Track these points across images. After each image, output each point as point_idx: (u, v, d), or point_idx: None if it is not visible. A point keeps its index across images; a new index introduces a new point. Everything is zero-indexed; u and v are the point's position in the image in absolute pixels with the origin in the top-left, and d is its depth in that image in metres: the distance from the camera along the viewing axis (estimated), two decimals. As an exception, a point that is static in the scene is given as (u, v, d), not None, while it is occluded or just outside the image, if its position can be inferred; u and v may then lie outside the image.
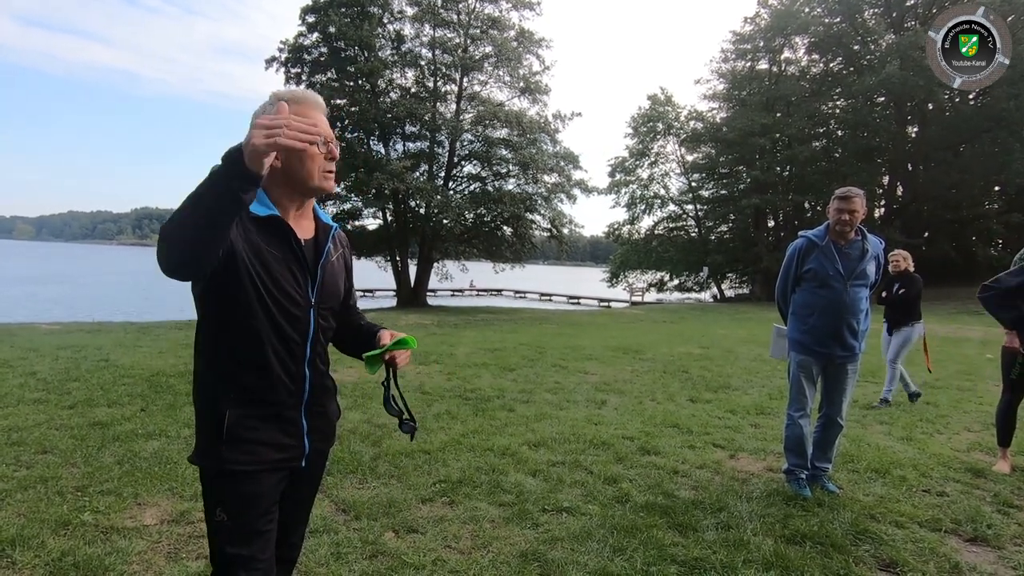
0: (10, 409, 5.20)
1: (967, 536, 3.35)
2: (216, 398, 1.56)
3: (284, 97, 1.51)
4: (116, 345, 9.58)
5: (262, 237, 1.53)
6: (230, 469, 1.53)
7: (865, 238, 3.87)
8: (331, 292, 1.69)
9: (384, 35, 28.24)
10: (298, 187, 1.59)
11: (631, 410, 6.10)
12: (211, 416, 1.56)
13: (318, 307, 1.64)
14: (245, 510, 1.56)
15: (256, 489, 1.57)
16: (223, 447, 1.53)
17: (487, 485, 3.83)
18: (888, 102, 33.30)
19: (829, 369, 3.94)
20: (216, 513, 1.56)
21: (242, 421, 1.54)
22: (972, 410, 6.51)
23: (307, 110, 1.55)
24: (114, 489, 3.55)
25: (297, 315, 1.58)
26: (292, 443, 1.63)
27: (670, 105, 39.08)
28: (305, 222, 1.67)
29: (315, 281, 1.62)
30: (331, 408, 1.77)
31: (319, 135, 1.39)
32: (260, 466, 1.56)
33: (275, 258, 1.54)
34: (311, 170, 1.56)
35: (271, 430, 1.58)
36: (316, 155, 1.55)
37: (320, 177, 1.58)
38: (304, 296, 1.60)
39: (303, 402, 1.63)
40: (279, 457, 1.60)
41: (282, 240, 1.56)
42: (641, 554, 2.97)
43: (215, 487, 1.57)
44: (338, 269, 1.74)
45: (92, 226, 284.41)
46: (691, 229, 40.89)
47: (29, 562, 2.71)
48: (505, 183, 29.49)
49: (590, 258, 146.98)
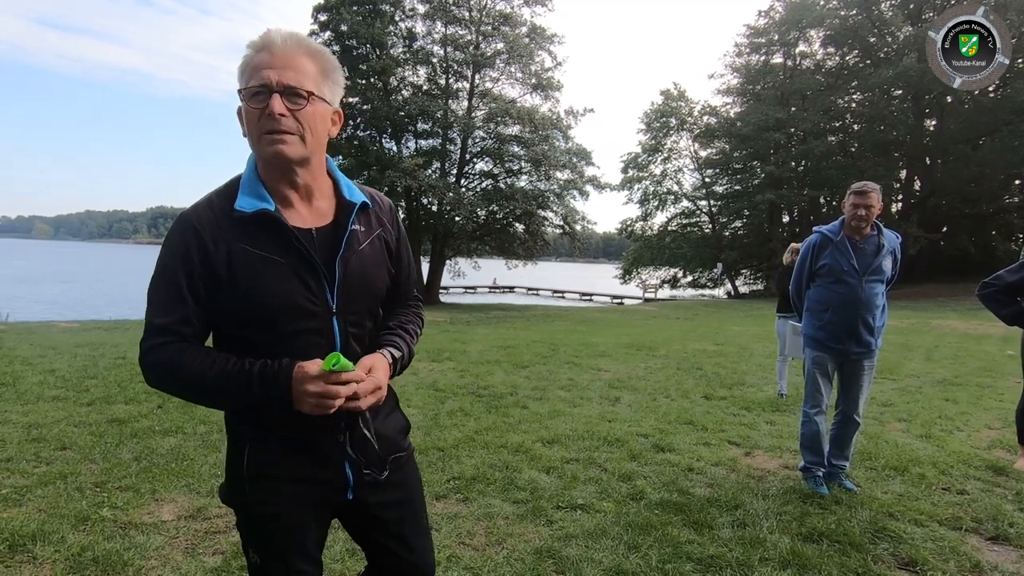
0: (30, 406, 5.28)
1: (988, 535, 3.30)
2: (237, 431, 1.38)
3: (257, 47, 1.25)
4: (133, 343, 9.67)
5: (253, 240, 1.25)
6: (256, 511, 1.35)
7: (881, 233, 3.82)
8: (361, 289, 1.35)
9: (396, 33, 28.33)
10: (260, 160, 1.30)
11: (645, 407, 6.08)
12: (234, 450, 1.38)
13: (344, 313, 1.32)
14: (277, 555, 1.36)
15: (286, 531, 1.36)
16: (246, 485, 1.34)
17: (501, 482, 3.82)
18: (905, 95, 32.87)
19: (845, 366, 3.90)
20: (249, 554, 1.39)
21: (265, 456, 1.33)
22: (993, 407, 6.41)
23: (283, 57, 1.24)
24: (132, 485, 3.59)
25: (314, 328, 1.29)
26: (328, 476, 1.36)
27: (683, 100, 38.88)
28: (319, 204, 1.35)
29: (334, 281, 1.31)
30: (387, 424, 1.46)
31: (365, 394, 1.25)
32: (288, 506, 1.34)
33: (273, 264, 1.25)
34: (251, 134, 1.26)
35: (301, 464, 1.34)
36: (250, 113, 1.24)
37: (260, 141, 1.24)
38: (322, 303, 1.29)
39: (339, 427, 1.34)
40: (311, 493, 1.36)
41: (278, 239, 1.26)
42: (656, 551, 2.95)
43: (244, 527, 1.39)
44: (371, 255, 1.38)
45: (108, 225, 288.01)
46: (705, 225, 40.68)
47: (49, 557, 2.74)
48: (517, 180, 29.51)
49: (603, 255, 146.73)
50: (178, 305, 1.26)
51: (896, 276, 3.91)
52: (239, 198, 1.27)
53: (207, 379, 1.23)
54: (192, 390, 1.28)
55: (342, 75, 1.36)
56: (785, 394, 6.61)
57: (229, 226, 1.26)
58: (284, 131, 1.22)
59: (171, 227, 1.29)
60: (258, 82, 1.22)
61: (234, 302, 1.25)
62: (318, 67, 1.28)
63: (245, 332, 1.28)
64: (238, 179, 1.32)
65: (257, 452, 1.34)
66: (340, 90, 1.35)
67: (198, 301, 1.26)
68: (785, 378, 6.72)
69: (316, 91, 1.26)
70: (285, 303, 1.25)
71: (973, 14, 3.88)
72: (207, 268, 1.24)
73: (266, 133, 1.22)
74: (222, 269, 1.24)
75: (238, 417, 1.37)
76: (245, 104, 1.25)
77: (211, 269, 1.24)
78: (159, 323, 1.26)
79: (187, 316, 1.26)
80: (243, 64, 1.27)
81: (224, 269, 1.24)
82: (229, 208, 1.27)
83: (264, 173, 1.30)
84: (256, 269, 1.25)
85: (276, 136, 1.22)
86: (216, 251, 1.24)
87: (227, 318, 1.29)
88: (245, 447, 1.35)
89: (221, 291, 1.25)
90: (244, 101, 1.25)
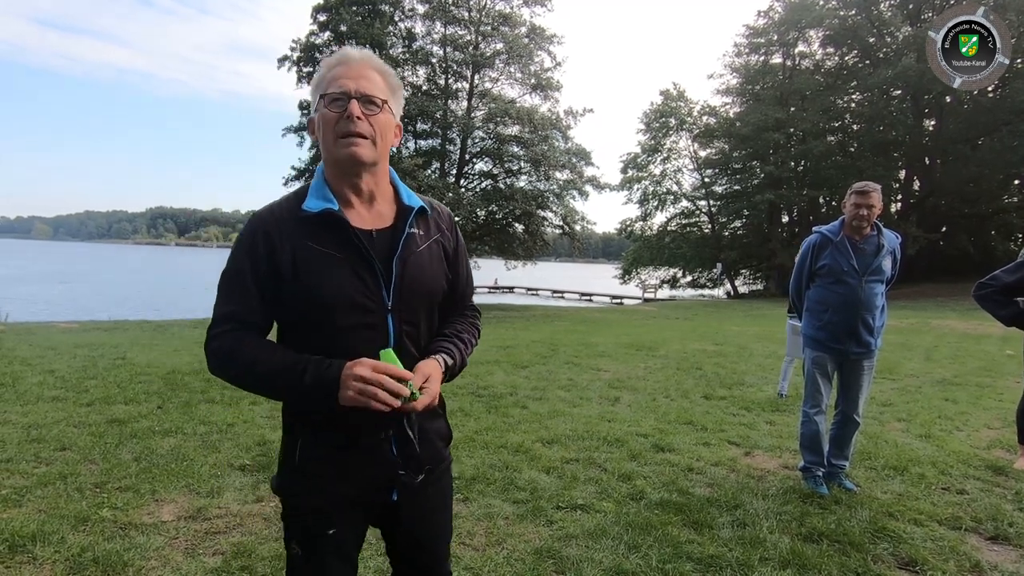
0: (29, 407, 5.27)
1: (988, 534, 3.30)
2: (292, 424, 1.43)
3: (332, 63, 1.38)
4: (132, 343, 9.69)
5: (317, 238, 1.34)
6: (304, 502, 1.41)
7: (881, 233, 3.82)
8: (417, 289, 1.40)
9: (395, 33, 28.36)
10: (330, 164, 1.39)
11: (645, 407, 6.08)
12: (288, 442, 1.44)
13: (399, 311, 1.37)
14: (318, 550, 1.41)
15: (329, 527, 1.41)
16: (295, 479, 1.41)
17: (501, 482, 3.83)
18: (905, 95, 32.88)
19: (845, 366, 3.90)
20: (292, 546, 1.43)
21: (316, 451, 1.39)
22: (992, 407, 6.42)
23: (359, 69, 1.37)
24: (132, 486, 3.59)
25: (369, 323, 1.34)
26: (375, 475, 1.41)
27: (683, 100, 38.89)
28: (380, 208, 1.43)
29: (390, 279, 1.36)
30: (432, 429, 1.50)
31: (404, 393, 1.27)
32: (331, 501, 1.40)
33: (334, 261, 1.33)
34: (327, 137, 1.35)
35: (349, 461, 1.39)
36: (328, 117, 1.34)
37: (336, 143, 1.33)
38: (377, 300, 1.35)
39: (387, 426, 1.39)
40: (358, 491, 1.41)
41: (340, 237, 1.34)
42: (656, 551, 2.95)
43: (289, 519, 1.45)
44: (428, 259, 1.44)
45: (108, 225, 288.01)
46: (704, 225, 40.68)
47: (49, 557, 2.74)
48: (517, 180, 29.53)
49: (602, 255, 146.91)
50: (242, 296, 1.35)
51: (896, 276, 3.91)
52: (307, 200, 1.36)
53: (262, 368, 1.31)
54: (247, 377, 1.35)
55: (403, 94, 1.49)
56: (784, 394, 6.61)
57: (296, 225, 1.35)
58: (359, 134, 1.32)
59: (244, 225, 1.40)
60: (337, 89, 1.33)
61: (296, 296, 1.33)
62: (387, 83, 1.40)
63: (304, 325, 1.35)
64: (307, 186, 1.42)
65: (308, 446, 1.40)
66: (401, 106, 1.47)
67: (262, 294, 1.35)
68: (788, 378, 6.73)
69: (388, 101, 1.38)
70: (342, 298, 1.32)
71: (973, 14, 3.88)
72: (272, 264, 1.33)
73: (342, 136, 1.32)
74: (286, 265, 1.33)
75: (294, 411, 1.43)
76: (324, 110, 1.35)
77: (276, 265, 1.33)
78: (223, 312, 1.37)
79: (250, 307, 1.36)
80: (319, 77, 1.38)
81: (288, 265, 1.32)
82: (297, 209, 1.36)
83: (332, 177, 1.40)
84: (317, 265, 1.33)
85: (351, 139, 1.32)
86: (282, 248, 1.33)
87: (289, 311, 1.37)
88: (298, 440, 1.41)
89: (284, 285, 1.33)
90: (324, 107, 1.34)
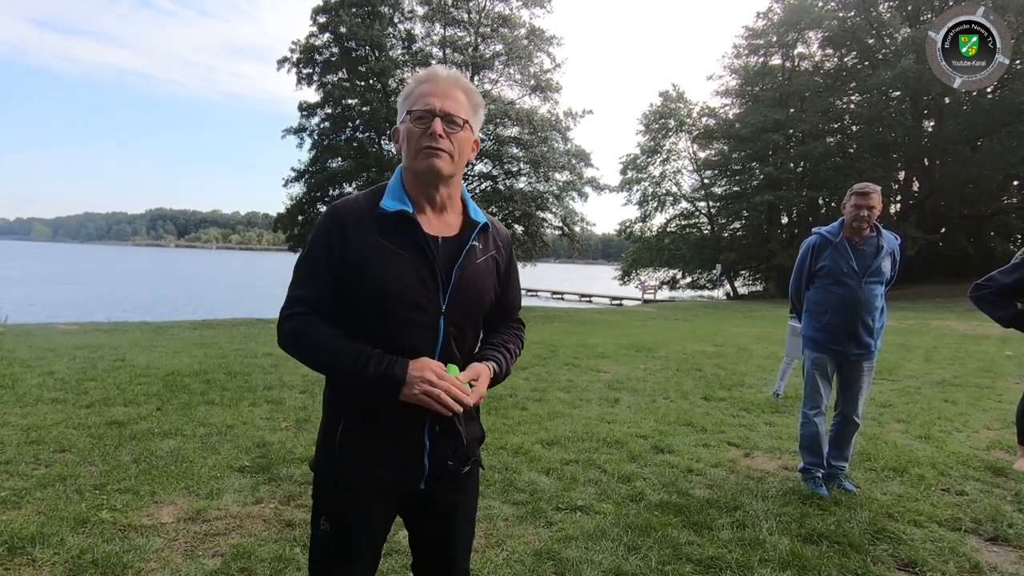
0: (29, 408, 5.27)
1: (988, 535, 3.30)
2: (336, 409, 1.50)
3: (421, 79, 1.46)
4: (132, 345, 9.68)
5: (389, 235, 1.41)
6: (339, 481, 1.49)
7: (880, 234, 3.82)
8: (470, 298, 1.48)
9: (395, 34, 28.38)
10: (410, 172, 1.47)
11: (644, 408, 6.08)
12: (329, 426, 1.50)
13: (450, 315, 1.45)
14: (349, 526, 1.49)
15: (362, 506, 1.49)
16: (335, 459, 1.48)
17: (500, 484, 3.82)
18: (904, 96, 32.92)
19: (845, 367, 3.90)
20: (320, 522, 1.51)
21: (357, 435, 1.46)
22: (992, 408, 6.42)
23: (445, 88, 1.44)
24: (131, 487, 3.58)
25: (423, 322, 1.42)
26: (409, 463, 1.48)
27: (682, 102, 38.93)
28: (448, 218, 1.51)
29: (448, 284, 1.44)
30: (466, 428, 1.57)
31: (468, 403, 1.41)
32: (368, 482, 1.47)
33: (401, 259, 1.40)
34: (409, 149, 1.43)
35: (387, 447, 1.46)
36: (412, 132, 1.42)
37: (417, 155, 1.42)
38: (434, 301, 1.42)
39: (426, 420, 1.46)
40: (391, 476, 1.48)
41: (409, 238, 1.41)
42: (656, 553, 2.95)
43: (323, 496, 1.53)
44: (484, 271, 1.52)
45: (107, 227, 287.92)
46: (704, 226, 40.69)
47: (49, 559, 2.74)
48: (516, 181, 29.53)
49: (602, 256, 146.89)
50: (314, 281, 1.44)
51: (895, 277, 3.91)
52: (384, 199, 1.45)
53: (327, 351, 1.40)
54: (313, 357, 1.43)
55: (484, 110, 1.56)
56: (780, 395, 6.62)
57: (370, 220, 1.43)
58: (440, 149, 1.40)
59: (321, 215, 1.48)
60: (423, 107, 1.41)
61: (360, 285, 1.40)
62: (470, 102, 1.48)
63: (364, 316, 1.42)
64: (385, 184, 1.50)
65: (350, 428, 1.47)
66: (481, 123, 1.55)
67: (332, 281, 1.43)
68: (785, 379, 6.73)
69: (469, 120, 1.46)
70: (402, 294, 1.39)
71: (973, 14, 3.89)
72: (343, 253, 1.41)
73: (424, 149, 1.40)
74: (356, 256, 1.40)
75: (339, 394, 1.50)
76: (409, 124, 1.43)
77: (346, 255, 1.41)
78: (297, 294, 1.45)
79: (321, 292, 1.43)
80: (407, 91, 1.47)
81: (358, 256, 1.40)
82: (375, 205, 1.44)
83: (409, 184, 1.47)
84: (384, 259, 1.40)
85: (433, 152, 1.40)
86: (355, 239, 1.41)
87: (352, 300, 1.42)
88: (340, 421, 1.48)
89: (351, 275, 1.40)
90: (409, 122, 1.43)
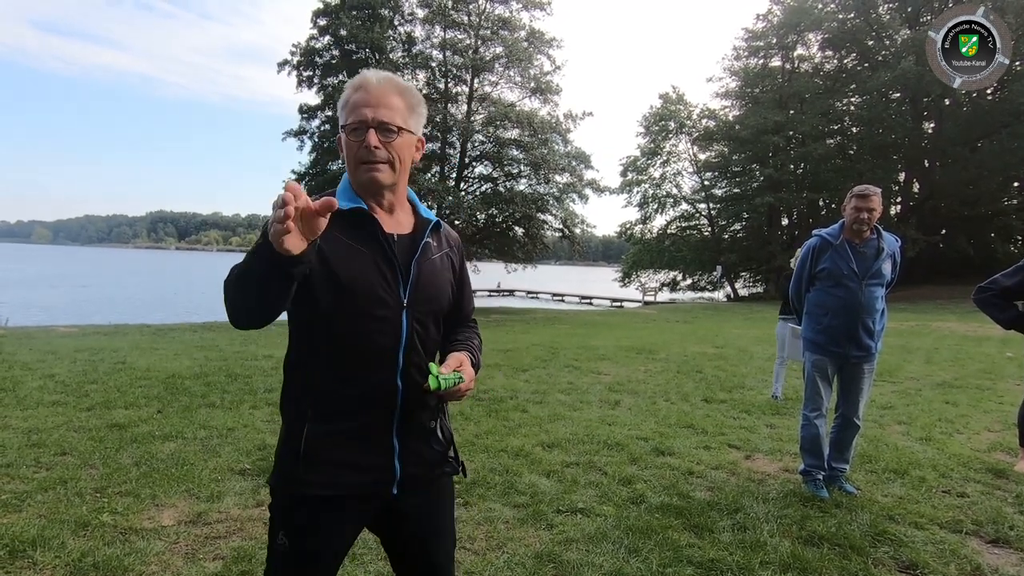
0: (30, 411, 5.27)
1: (989, 538, 3.30)
2: (297, 412, 1.44)
3: (354, 87, 1.42)
4: (132, 347, 9.69)
5: (346, 232, 1.40)
6: (303, 493, 1.41)
7: (881, 236, 3.82)
8: (430, 292, 1.49)
9: (395, 37, 28.42)
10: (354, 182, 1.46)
11: (645, 410, 6.08)
12: (291, 433, 1.44)
13: (412, 309, 1.44)
14: (312, 538, 1.43)
15: (328, 516, 1.42)
16: (300, 467, 1.40)
17: (501, 486, 3.82)
18: (904, 98, 32.93)
19: (845, 369, 3.90)
20: (279, 537, 1.44)
21: (322, 439, 1.40)
22: (993, 410, 6.41)
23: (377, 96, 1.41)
24: (132, 490, 3.58)
25: (386, 317, 1.41)
26: (379, 465, 1.44)
27: (682, 103, 38.94)
28: (400, 217, 1.52)
29: (408, 279, 1.44)
30: (436, 428, 1.56)
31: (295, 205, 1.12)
32: (338, 491, 1.41)
33: (360, 255, 1.40)
34: (349, 162, 1.43)
35: (355, 450, 1.42)
36: (350, 144, 1.41)
37: (357, 169, 1.42)
38: (394, 296, 1.42)
39: (394, 420, 1.44)
40: (361, 481, 1.43)
41: (368, 234, 1.42)
42: (657, 555, 2.95)
43: (284, 509, 1.45)
44: (440, 268, 1.54)
45: (108, 230, 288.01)
46: (704, 228, 40.69)
47: (50, 562, 2.74)
48: (517, 183, 29.55)
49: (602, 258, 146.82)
50: None
51: (896, 279, 3.91)
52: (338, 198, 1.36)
53: (239, 270, 1.25)
54: (237, 285, 1.25)
55: (425, 107, 1.54)
56: (778, 396, 6.61)
57: None
58: (378, 160, 1.40)
59: None
60: (356, 119, 1.40)
61: (322, 281, 1.36)
62: (406, 103, 1.45)
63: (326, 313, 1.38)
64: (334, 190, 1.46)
65: (314, 434, 1.41)
66: (423, 120, 1.53)
67: None
68: (781, 381, 6.73)
69: (404, 125, 1.43)
70: (365, 289, 1.39)
71: (973, 14, 3.89)
72: None
73: (363, 163, 1.40)
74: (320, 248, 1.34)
75: (299, 400, 1.45)
76: (346, 137, 1.43)
77: None
78: None
79: None
80: (343, 101, 1.44)
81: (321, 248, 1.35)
82: None
83: (356, 190, 1.47)
84: (346, 255, 1.39)
85: (371, 165, 1.40)
86: None
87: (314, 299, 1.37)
88: (304, 428, 1.41)
89: (312, 272, 1.34)
90: (345, 135, 1.42)
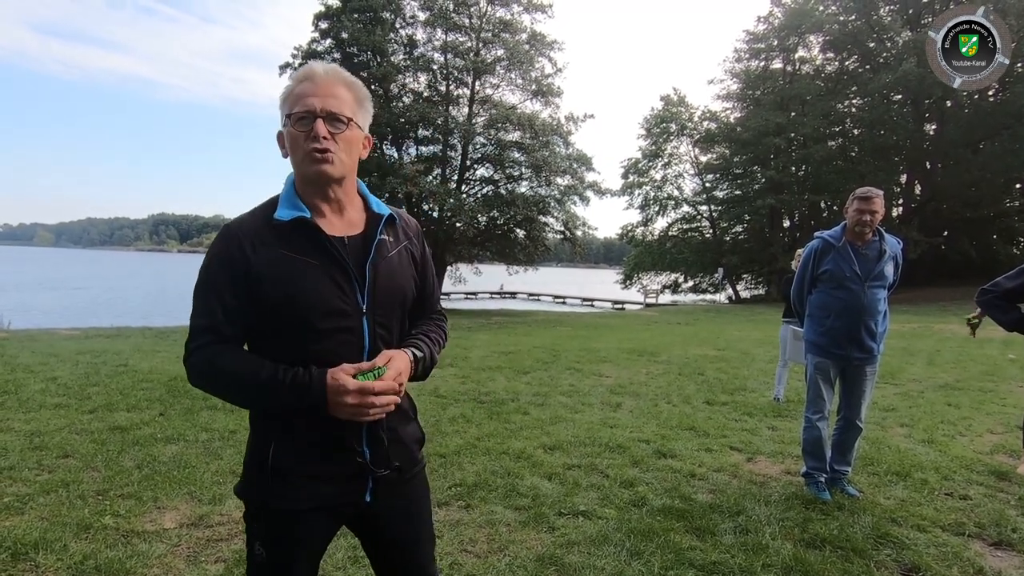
0: (32, 414, 5.28)
1: (991, 540, 3.29)
2: (263, 426, 1.42)
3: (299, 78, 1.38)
4: (135, 350, 9.70)
5: (291, 246, 1.35)
6: (274, 506, 1.40)
7: (883, 238, 3.82)
8: (389, 292, 1.44)
9: (396, 40, 28.41)
10: (300, 178, 1.41)
11: (647, 413, 6.07)
12: (257, 445, 1.42)
13: (373, 313, 1.40)
14: (287, 549, 1.41)
15: (302, 527, 1.41)
16: (268, 480, 1.39)
17: (503, 489, 3.82)
18: (905, 100, 32.90)
19: (847, 371, 3.89)
20: (255, 548, 1.43)
21: (289, 452, 1.38)
22: (995, 412, 6.40)
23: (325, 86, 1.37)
24: (134, 493, 3.59)
25: (346, 327, 1.37)
26: (349, 475, 1.42)
27: (683, 106, 38.98)
28: (350, 216, 1.45)
29: (364, 283, 1.39)
30: (405, 432, 1.52)
31: (400, 390, 1.36)
32: (309, 503, 1.40)
33: (309, 267, 1.35)
34: (295, 155, 1.37)
35: (323, 461, 1.40)
36: (295, 136, 1.36)
37: (303, 161, 1.36)
38: (352, 303, 1.37)
39: (362, 427, 1.41)
40: (332, 491, 1.41)
41: (313, 244, 1.36)
42: (658, 558, 2.95)
43: (255, 521, 1.44)
44: (399, 264, 1.48)
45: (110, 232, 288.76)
46: (705, 230, 40.69)
47: (52, 565, 2.74)
48: (518, 186, 29.53)
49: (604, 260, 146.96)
50: (218, 308, 1.36)
51: (898, 281, 3.91)
52: (278, 209, 1.38)
53: (241, 382, 1.34)
54: (228, 392, 1.38)
55: (372, 104, 1.49)
56: (780, 399, 6.61)
57: (269, 233, 1.36)
58: (327, 151, 1.34)
59: (215, 237, 1.41)
60: (303, 108, 1.34)
61: (274, 303, 1.33)
62: (354, 96, 1.42)
63: (282, 332, 1.36)
64: (278, 196, 1.44)
65: (283, 448, 1.39)
66: (370, 117, 1.48)
67: (239, 304, 1.35)
68: (783, 383, 6.72)
69: (353, 117, 1.39)
70: (320, 302, 1.34)
71: (973, 14, 3.89)
72: (247, 272, 1.34)
73: (310, 153, 1.34)
74: (263, 273, 1.33)
75: (266, 412, 1.42)
76: (291, 128, 1.36)
77: (251, 273, 1.33)
78: (200, 324, 1.37)
79: (227, 318, 1.36)
80: (286, 93, 1.39)
81: (264, 272, 1.33)
82: (270, 217, 1.38)
83: (302, 189, 1.41)
84: (294, 271, 1.34)
85: (319, 156, 1.34)
86: (256, 256, 1.34)
87: (266, 319, 1.36)
88: (271, 442, 1.40)
89: (262, 293, 1.33)
90: (290, 125, 1.36)
